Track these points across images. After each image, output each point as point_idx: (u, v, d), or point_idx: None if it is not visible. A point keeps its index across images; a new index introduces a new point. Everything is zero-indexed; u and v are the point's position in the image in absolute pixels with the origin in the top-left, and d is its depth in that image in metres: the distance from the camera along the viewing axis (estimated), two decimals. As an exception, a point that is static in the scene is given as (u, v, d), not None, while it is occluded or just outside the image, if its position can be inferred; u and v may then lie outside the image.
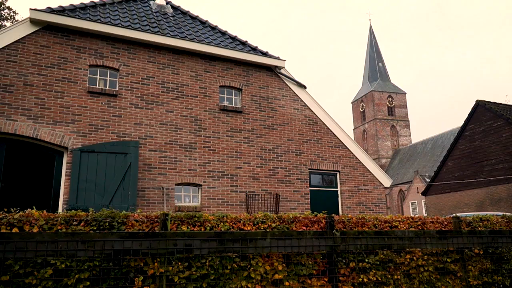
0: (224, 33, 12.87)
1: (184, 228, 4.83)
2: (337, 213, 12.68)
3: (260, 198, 11.47)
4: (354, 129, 78.57)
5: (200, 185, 10.81)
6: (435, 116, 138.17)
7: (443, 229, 6.28)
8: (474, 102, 23.81)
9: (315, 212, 5.90)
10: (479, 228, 6.56)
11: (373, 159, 62.99)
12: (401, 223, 6.06)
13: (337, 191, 12.98)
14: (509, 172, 21.10)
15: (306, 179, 12.39)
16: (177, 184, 10.56)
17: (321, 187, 12.82)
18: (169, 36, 10.99)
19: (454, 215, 6.85)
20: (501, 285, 6.44)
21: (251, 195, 11.37)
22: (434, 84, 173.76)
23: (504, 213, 7.66)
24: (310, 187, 12.51)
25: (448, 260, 6.03)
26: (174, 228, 4.81)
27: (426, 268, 5.83)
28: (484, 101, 23.39)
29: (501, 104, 23.82)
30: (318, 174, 12.86)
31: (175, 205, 10.35)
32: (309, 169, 12.54)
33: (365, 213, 13.04)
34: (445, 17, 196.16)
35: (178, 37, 11.18)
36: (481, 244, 6.23)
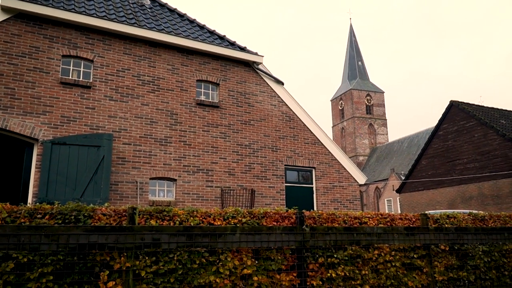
0: (202, 27, 12.77)
1: (153, 222, 4.78)
2: (312, 209, 12.79)
3: (236, 193, 11.46)
4: (333, 127, 79.35)
5: (175, 180, 10.73)
6: (412, 115, 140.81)
7: (411, 225, 6.41)
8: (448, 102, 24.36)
9: (285, 208, 5.93)
10: (446, 225, 6.72)
11: (351, 157, 63.65)
12: (370, 219, 6.16)
13: (312, 187, 13.09)
14: (480, 171, 21.70)
15: (282, 175, 12.45)
16: (151, 178, 10.45)
17: (296, 183, 12.90)
18: (146, 28, 10.84)
19: (426, 212, 6.99)
20: (466, 281, 6.62)
21: (227, 191, 11.36)
22: (413, 84, 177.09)
23: (471, 211, 7.87)
24: (285, 183, 12.58)
25: (415, 256, 6.16)
26: (142, 222, 4.76)
27: (393, 264, 5.95)
28: (458, 101, 23.94)
29: (474, 105, 24.43)
30: (294, 170, 12.93)
31: (149, 199, 10.25)
32: (285, 165, 12.60)
33: (339, 210, 13.19)
34: (428, 21, 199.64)
35: (155, 29, 11.03)
36: (447, 241, 6.40)
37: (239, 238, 4.90)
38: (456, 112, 23.72)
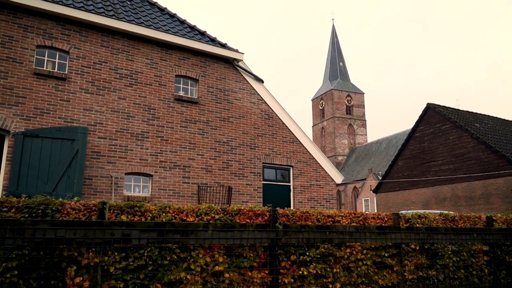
0: (183, 22, 12.64)
1: (123, 217, 4.71)
2: (289, 208, 12.83)
3: (213, 190, 11.42)
4: (313, 126, 79.90)
5: (151, 175, 10.61)
6: (392, 117, 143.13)
7: (383, 225, 6.50)
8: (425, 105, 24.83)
9: (259, 205, 5.93)
10: (417, 225, 6.84)
11: (330, 156, 64.23)
12: (343, 218, 6.22)
13: (289, 185, 13.15)
14: (454, 173, 22.20)
15: (259, 172, 12.46)
16: (127, 174, 10.31)
17: (274, 181, 12.94)
18: (125, 21, 10.66)
19: (401, 212, 7.10)
20: (435, 280, 6.76)
21: (203, 187, 11.30)
22: (394, 86, 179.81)
23: (442, 211, 8.04)
24: (263, 181, 12.60)
25: (386, 254, 6.25)
26: (113, 217, 4.68)
27: (364, 262, 6.02)
28: (434, 104, 24.41)
29: (450, 108, 24.96)
30: (272, 168, 12.96)
31: (124, 194, 10.11)
32: (263, 163, 12.61)
33: (315, 208, 13.29)
34: (413, 25, 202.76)
35: (134, 22, 10.87)
36: (418, 240, 6.51)
37: (212, 234, 4.87)
38: (433, 114, 24.18)
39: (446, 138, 23.12)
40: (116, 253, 4.47)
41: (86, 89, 10.10)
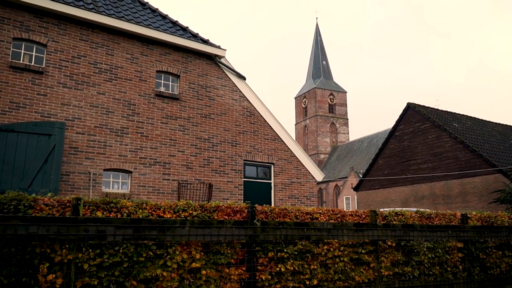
0: (164, 17, 12.51)
1: (99, 214, 4.65)
2: (270, 205, 12.86)
3: (193, 187, 11.36)
4: (296, 124, 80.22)
5: (131, 172, 10.49)
6: (374, 116, 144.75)
7: (360, 222, 6.57)
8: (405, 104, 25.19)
9: (240, 202, 5.92)
10: (394, 222, 6.94)
11: (313, 155, 64.54)
12: (321, 215, 6.26)
13: (270, 183, 13.17)
14: (432, 172, 22.60)
15: (240, 170, 12.45)
16: (105, 170, 10.16)
17: (255, 179, 12.94)
18: (105, 15, 10.49)
19: (381, 210, 7.18)
20: (411, 276, 6.87)
21: (184, 184, 11.23)
22: (376, 85, 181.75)
23: (418, 209, 8.17)
24: (244, 178, 12.59)
25: (363, 251, 6.32)
26: (88, 213, 4.62)
27: (342, 259, 6.08)
28: (415, 104, 24.79)
29: (429, 107, 25.37)
30: (253, 165, 12.96)
31: (102, 191, 9.96)
32: (244, 160, 12.60)
33: (296, 206, 13.36)
34: (398, 26, 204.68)
35: (115, 16, 10.70)
36: (394, 237, 6.61)
37: (189, 231, 4.85)
38: (413, 114, 24.55)
39: (425, 137, 23.51)
40: (90, 250, 4.40)
41: (64, 83, 9.91)
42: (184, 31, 12.31)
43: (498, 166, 19.78)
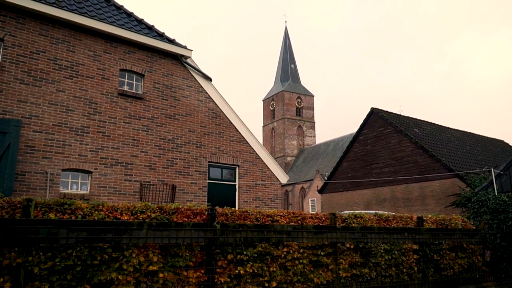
0: (130, 15, 12.27)
1: (52, 215, 4.49)
2: (234, 207, 12.86)
3: (156, 188, 11.18)
4: (263, 127, 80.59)
5: (91, 172, 10.21)
6: (340, 120, 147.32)
7: (320, 224, 6.67)
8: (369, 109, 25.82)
9: (204, 204, 5.88)
10: (353, 225, 7.09)
11: (280, 157, 64.92)
12: (282, 217, 6.31)
13: (235, 185, 13.16)
14: (394, 175, 23.26)
15: (205, 171, 12.36)
16: (64, 170, 9.84)
17: (219, 180, 12.89)
18: (66, 10, 10.17)
19: (345, 212, 7.30)
20: (368, 277, 7.03)
21: (146, 185, 11.03)
22: (345, 90, 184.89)
23: (377, 211, 8.39)
24: (208, 179, 12.51)
25: (322, 253, 6.41)
26: (40, 215, 4.45)
27: (301, 261, 6.14)
28: (378, 109, 25.44)
29: (392, 113, 26.11)
30: (218, 167, 12.91)
31: (60, 192, 9.64)
32: (208, 161, 12.53)
33: (261, 208, 13.41)
34: (377, 34, 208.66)
35: (77, 12, 10.40)
36: (353, 239, 6.75)
37: (146, 233, 4.77)
38: (376, 119, 25.18)
39: (387, 141, 24.16)
40: (41, 253, 4.25)
41: (21, 79, 9.53)
42: (149, 29, 12.12)
43: (455, 171, 20.58)
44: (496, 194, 10.95)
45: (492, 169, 11.59)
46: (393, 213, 8.63)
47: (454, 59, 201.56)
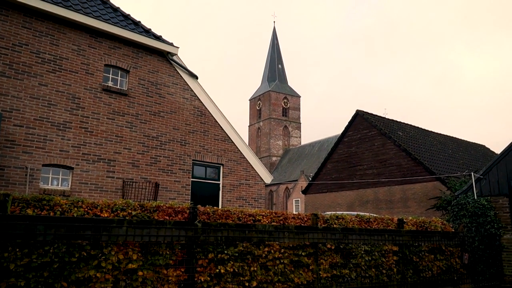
0: (116, 10, 12.12)
1: (29, 211, 4.41)
2: (217, 206, 12.83)
3: (139, 186, 11.08)
4: (249, 126, 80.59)
5: (72, 168, 10.06)
6: (326, 121, 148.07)
7: (302, 224, 6.70)
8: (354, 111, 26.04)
9: (187, 202, 5.85)
10: (335, 225, 7.14)
11: (265, 157, 65.04)
12: (264, 217, 6.32)
13: (219, 184, 13.13)
14: (377, 177, 23.51)
15: (189, 169, 12.31)
16: (44, 165, 9.68)
17: (203, 179, 12.84)
18: (51, 3, 10.00)
19: (328, 213, 7.34)
20: (348, 278, 7.09)
21: (129, 182, 10.93)
22: (332, 92, 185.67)
23: (358, 213, 8.46)
24: (192, 178, 12.45)
25: (303, 253, 6.44)
26: (17, 211, 4.37)
27: (282, 261, 6.16)
28: (363, 111, 25.67)
29: (377, 116, 26.38)
30: (202, 166, 12.86)
31: (40, 187, 9.49)
32: (193, 160, 12.47)
33: (244, 207, 13.40)
34: (365, 40, 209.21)
35: (62, 5, 10.24)
36: (334, 240, 6.80)
37: (126, 231, 4.72)
38: (361, 121, 25.41)
39: (371, 144, 24.40)
40: (17, 249, 4.17)
41: (2, 72, 9.34)
42: (136, 25, 12.00)
43: (437, 174, 20.90)
44: (476, 198, 11.16)
45: (472, 173, 11.80)
46: (375, 215, 8.72)
47: (447, 64, 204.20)
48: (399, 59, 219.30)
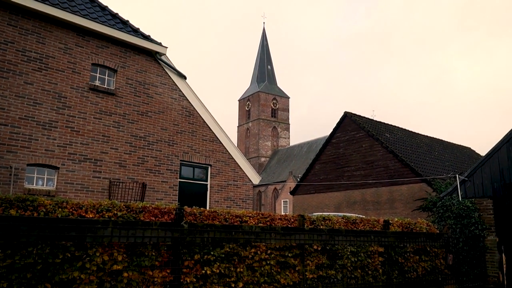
0: (104, 8, 12.02)
1: (12, 212, 4.36)
2: (205, 206, 12.80)
3: (125, 186, 11.00)
4: (238, 127, 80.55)
5: (58, 168, 9.95)
6: (316, 122, 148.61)
7: (289, 226, 6.72)
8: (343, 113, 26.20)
9: (174, 203, 5.83)
10: (321, 227, 7.17)
11: (254, 157, 65.04)
12: (251, 218, 6.32)
13: (207, 184, 13.10)
14: (364, 179, 23.68)
15: (176, 170, 12.26)
16: (29, 165, 9.56)
17: (191, 180, 12.80)
18: (37, 1, 9.87)
19: (315, 214, 7.36)
20: (334, 279, 7.13)
21: (116, 183, 10.84)
22: (323, 94, 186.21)
23: (345, 214, 8.52)
24: (180, 178, 12.40)
25: (290, 255, 6.46)
26: (0, 211, 4.31)
27: (268, 262, 6.17)
28: (351, 113, 25.85)
29: (365, 117, 26.58)
30: (190, 166, 12.82)
31: (25, 187, 9.36)
32: (180, 160, 12.43)
33: (232, 208, 13.39)
34: (359, 45, 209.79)
35: (48, 3, 10.12)
36: (320, 241, 6.83)
37: (111, 232, 4.68)
38: (349, 122, 25.57)
39: (359, 145, 24.57)
40: (0, 251, 4.11)
41: (-14, 70, 9.20)
42: (124, 24, 11.92)
43: (423, 176, 21.13)
44: (460, 199, 11.32)
45: (457, 175, 11.96)
46: (362, 216, 8.79)
47: (439, 68, 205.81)
48: (392, 63, 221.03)
